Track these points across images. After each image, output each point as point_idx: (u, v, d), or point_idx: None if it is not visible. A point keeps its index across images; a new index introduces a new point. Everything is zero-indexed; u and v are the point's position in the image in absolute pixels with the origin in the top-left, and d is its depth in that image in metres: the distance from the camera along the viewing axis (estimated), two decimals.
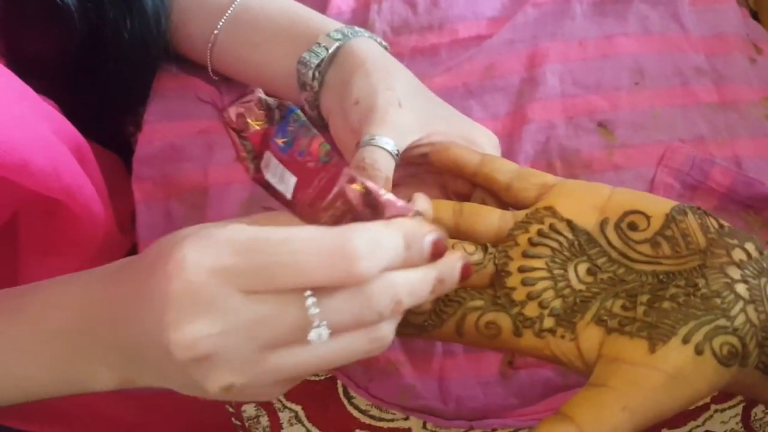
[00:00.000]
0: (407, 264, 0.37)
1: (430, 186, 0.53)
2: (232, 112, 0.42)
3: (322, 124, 0.57)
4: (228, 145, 0.62)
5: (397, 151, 0.48)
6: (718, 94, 0.63)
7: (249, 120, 0.41)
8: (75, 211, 0.50)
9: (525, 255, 0.44)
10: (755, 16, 0.69)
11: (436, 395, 0.55)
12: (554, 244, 0.44)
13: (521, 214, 0.46)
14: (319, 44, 0.55)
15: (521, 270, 0.44)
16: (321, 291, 0.35)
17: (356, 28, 0.56)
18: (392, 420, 0.56)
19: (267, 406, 0.56)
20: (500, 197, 0.48)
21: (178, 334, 0.35)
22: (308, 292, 0.35)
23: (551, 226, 0.44)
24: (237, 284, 0.35)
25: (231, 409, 0.57)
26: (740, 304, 0.39)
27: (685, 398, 0.38)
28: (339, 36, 0.55)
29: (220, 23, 0.60)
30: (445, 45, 0.66)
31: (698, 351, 0.38)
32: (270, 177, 0.41)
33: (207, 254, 0.35)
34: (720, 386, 0.39)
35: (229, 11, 0.60)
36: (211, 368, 0.36)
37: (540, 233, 0.44)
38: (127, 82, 0.63)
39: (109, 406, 0.67)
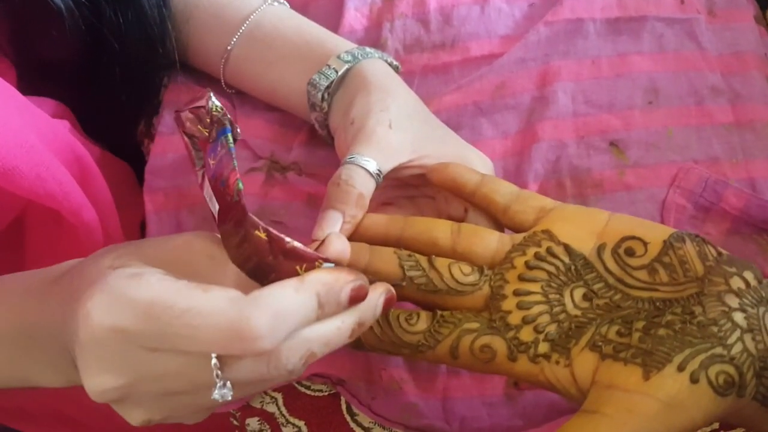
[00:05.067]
0: (321, 317, 0.37)
1: (425, 209, 0.53)
2: (184, 116, 0.41)
3: (331, 144, 0.57)
4: (239, 158, 0.63)
5: (379, 171, 0.49)
6: (734, 113, 0.62)
7: (199, 126, 0.41)
8: (69, 218, 0.51)
9: (521, 278, 0.44)
10: None
11: (440, 415, 0.55)
12: (551, 268, 0.44)
13: (519, 237, 0.46)
14: (329, 66, 0.55)
15: (517, 293, 0.43)
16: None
17: (367, 49, 0.56)
18: None
19: (270, 421, 0.57)
20: (497, 219, 0.48)
21: (89, 382, 0.36)
22: (213, 355, 0.36)
23: (548, 250, 0.44)
24: (138, 343, 0.35)
25: (235, 423, 0.58)
26: (737, 333, 0.38)
27: (679, 427, 0.37)
28: (349, 58, 0.55)
29: (234, 39, 0.61)
30: (457, 63, 0.66)
31: (693, 379, 0.37)
32: (205, 193, 0.41)
33: (109, 314, 0.35)
34: (717, 416, 0.38)
35: (243, 27, 0.61)
36: (126, 408, 0.38)
37: (537, 256, 0.44)
38: (136, 85, 0.64)
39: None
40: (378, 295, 0.40)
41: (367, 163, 0.48)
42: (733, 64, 0.65)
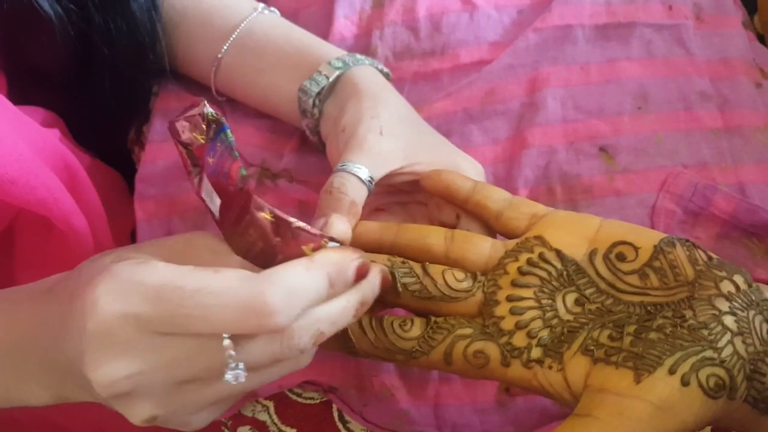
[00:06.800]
0: (331, 296, 0.38)
1: (417, 215, 0.54)
2: (179, 125, 0.40)
3: (322, 150, 0.57)
4: None
5: (371, 178, 0.49)
6: (723, 119, 0.63)
7: (194, 134, 0.40)
8: (59, 226, 0.51)
9: (514, 284, 0.44)
10: (762, 39, 0.69)
11: (432, 422, 0.55)
12: (543, 274, 0.44)
13: (511, 243, 0.46)
14: (320, 72, 0.56)
15: (510, 299, 0.44)
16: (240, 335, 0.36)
17: (358, 56, 0.57)
18: None
19: (262, 430, 0.56)
20: (490, 225, 0.48)
21: (96, 374, 0.35)
22: (225, 335, 0.35)
23: (540, 256, 0.44)
24: (149, 328, 0.35)
25: (227, 430, 0.57)
26: (728, 336, 0.38)
27: (671, 430, 0.38)
28: (340, 64, 0.56)
29: (225, 46, 0.61)
30: (447, 70, 0.66)
31: (684, 382, 0.38)
32: (204, 194, 0.41)
33: (118, 299, 0.35)
34: (708, 419, 0.39)
35: (234, 35, 0.61)
36: (132, 402, 0.37)
37: (529, 262, 0.44)
38: (126, 92, 0.64)
39: (110, 420, 0.67)
40: (376, 273, 0.41)
41: (359, 171, 0.49)
42: (721, 69, 0.65)
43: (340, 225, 0.44)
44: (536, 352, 0.42)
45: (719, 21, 0.67)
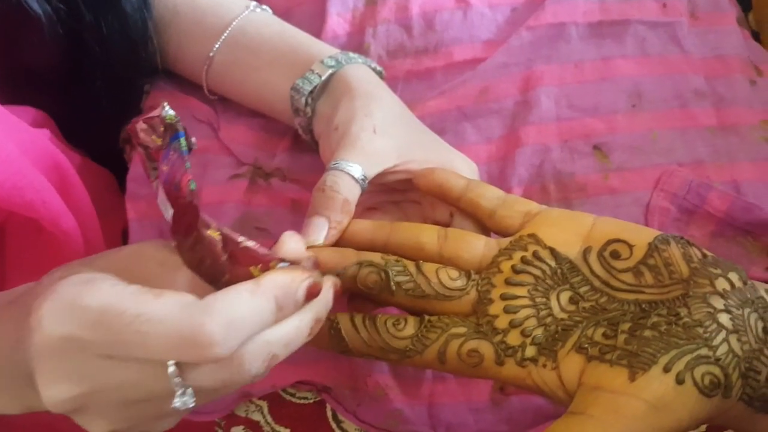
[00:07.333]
0: (280, 319, 0.37)
1: (411, 213, 0.53)
2: (138, 126, 0.40)
3: (315, 149, 0.57)
4: (222, 165, 0.63)
5: (364, 176, 0.49)
6: (718, 116, 0.63)
7: (152, 137, 0.40)
8: (48, 227, 0.51)
9: (508, 282, 0.44)
10: (756, 37, 0.69)
11: (426, 421, 0.54)
12: (537, 272, 0.44)
13: (505, 242, 0.46)
14: (312, 71, 0.55)
15: (504, 297, 0.43)
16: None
17: (350, 54, 0.56)
18: None
19: (256, 430, 0.56)
20: (484, 223, 0.48)
21: (45, 393, 0.35)
22: (170, 362, 0.35)
23: (534, 254, 0.44)
24: (92, 351, 0.35)
25: (220, 431, 0.57)
26: (723, 334, 0.38)
27: (666, 428, 0.37)
28: (332, 63, 0.55)
29: (217, 45, 0.61)
30: (441, 68, 0.66)
31: (679, 380, 0.37)
32: (159, 201, 0.40)
33: (59, 322, 0.35)
34: (703, 417, 0.38)
35: (226, 33, 0.61)
36: (88, 419, 0.37)
37: (523, 261, 0.44)
38: (118, 91, 0.63)
39: None
40: (328, 288, 0.40)
41: (352, 169, 0.48)
42: (716, 67, 0.65)
43: (292, 243, 0.42)
44: (530, 351, 0.42)
45: (714, 18, 0.67)
